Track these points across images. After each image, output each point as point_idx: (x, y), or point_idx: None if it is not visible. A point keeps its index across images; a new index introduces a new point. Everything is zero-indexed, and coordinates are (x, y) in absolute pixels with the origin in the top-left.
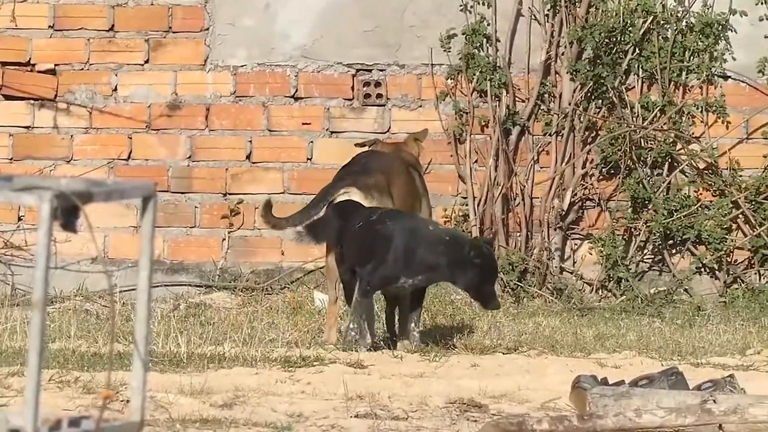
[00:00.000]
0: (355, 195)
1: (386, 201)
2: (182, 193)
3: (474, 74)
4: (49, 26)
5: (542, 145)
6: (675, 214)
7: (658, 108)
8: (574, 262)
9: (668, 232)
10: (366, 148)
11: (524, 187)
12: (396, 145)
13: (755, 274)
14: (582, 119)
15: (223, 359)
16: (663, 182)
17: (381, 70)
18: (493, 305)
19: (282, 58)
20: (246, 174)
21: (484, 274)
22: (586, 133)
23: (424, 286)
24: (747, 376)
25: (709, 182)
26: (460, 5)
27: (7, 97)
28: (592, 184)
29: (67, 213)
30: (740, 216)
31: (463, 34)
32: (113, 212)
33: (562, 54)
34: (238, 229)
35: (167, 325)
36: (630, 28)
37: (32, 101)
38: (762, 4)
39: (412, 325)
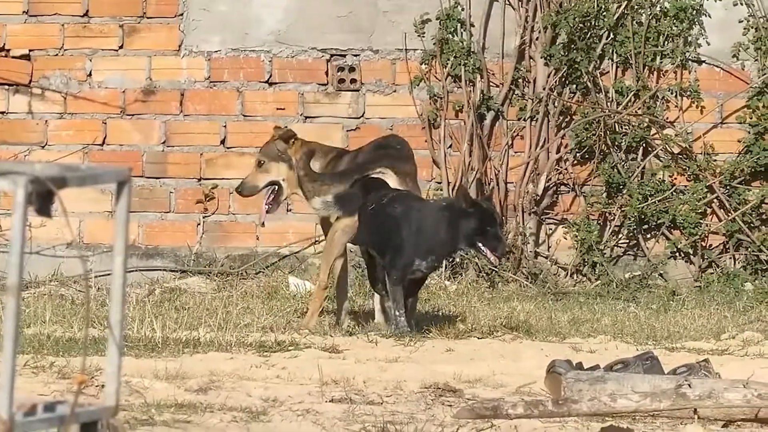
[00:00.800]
0: (390, 178)
1: (416, 190)
2: (157, 178)
3: (448, 59)
4: (24, 12)
5: (516, 130)
6: (649, 198)
7: (633, 93)
8: (549, 247)
9: (643, 216)
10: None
11: (498, 172)
12: None
13: (730, 258)
14: (556, 104)
15: (198, 344)
16: (637, 167)
17: (355, 56)
18: (500, 250)
19: (256, 44)
20: (220, 159)
21: (484, 219)
22: (561, 118)
23: (437, 266)
24: (722, 360)
25: (684, 167)
26: None
27: None
28: (566, 169)
29: (41, 198)
30: (715, 201)
31: (437, 19)
32: (88, 197)
33: (537, 39)
34: (213, 214)
35: (142, 310)
36: (604, 13)
37: (6, 87)
38: None
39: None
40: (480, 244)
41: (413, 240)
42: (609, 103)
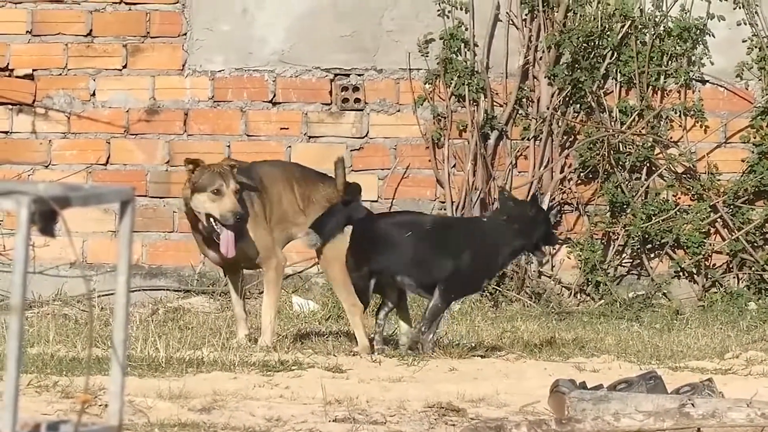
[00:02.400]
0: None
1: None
2: (160, 197)
3: (452, 79)
4: (27, 31)
5: (520, 149)
6: (653, 218)
7: (636, 112)
8: (553, 267)
9: (646, 236)
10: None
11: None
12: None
13: (733, 278)
14: (560, 124)
15: (202, 364)
16: (641, 186)
17: (359, 75)
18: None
19: (260, 63)
20: None
21: (547, 222)
22: (564, 137)
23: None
24: (725, 379)
25: (688, 186)
26: (438, 10)
27: None
28: (570, 189)
29: (45, 218)
30: (718, 220)
31: (440, 38)
32: (91, 217)
33: (540, 58)
34: None
35: (146, 329)
36: (608, 33)
37: (10, 106)
38: (740, 8)
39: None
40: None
41: (482, 262)
42: (613, 123)
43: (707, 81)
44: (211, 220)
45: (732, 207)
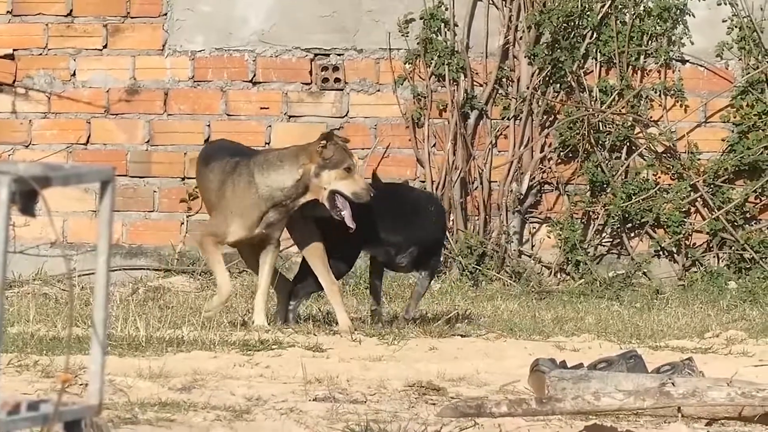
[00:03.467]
0: None
1: None
2: (141, 177)
3: (432, 59)
4: (8, 11)
5: (500, 129)
6: (633, 197)
7: (617, 92)
8: (533, 246)
9: (627, 215)
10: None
11: (482, 171)
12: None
13: (713, 257)
14: (540, 103)
15: (182, 343)
16: (621, 166)
17: (339, 55)
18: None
19: (240, 43)
20: None
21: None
22: (545, 117)
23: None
24: (705, 359)
25: (668, 166)
26: None
27: None
28: (550, 168)
29: (25, 197)
30: (698, 199)
31: (420, 18)
32: (72, 196)
33: (520, 38)
34: (197, 213)
35: (126, 308)
36: (588, 13)
37: None
38: None
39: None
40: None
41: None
42: (593, 102)
43: (687, 61)
44: (336, 196)
45: (712, 186)
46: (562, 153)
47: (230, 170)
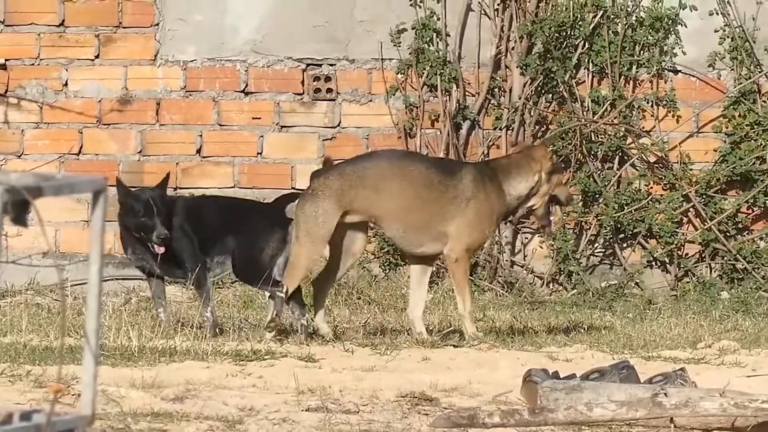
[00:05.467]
0: None
1: None
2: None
3: (424, 69)
4: (0, 21)
5: (492, 139)
6: (626, 207)
7: (609, 102)
8: (525, 256)
9: (619, 225)
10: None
11: None
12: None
13: (706, 267)
14: (532, 113)
15: (175, 353)
16: (613, 176)
17: (331, 65)
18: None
19: (232, 53)
20: (196, 168)
21: None
22: (537, 127)
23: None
24: (698, 369)
25: (660, 176)
26: (410, 0)
27: None
28: None
29: (17, 207)
30: (691, 210)
31: (413, 28)
32: (64, 207)
33: (512, 48)
34: None
35: (118, 318)
36: (580, 23)
37: None
38: None
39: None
40: None
41: None
42: (585, 113)
43: (679, 71)
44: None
45: (704, 197)
46: None
47: (481, 179)
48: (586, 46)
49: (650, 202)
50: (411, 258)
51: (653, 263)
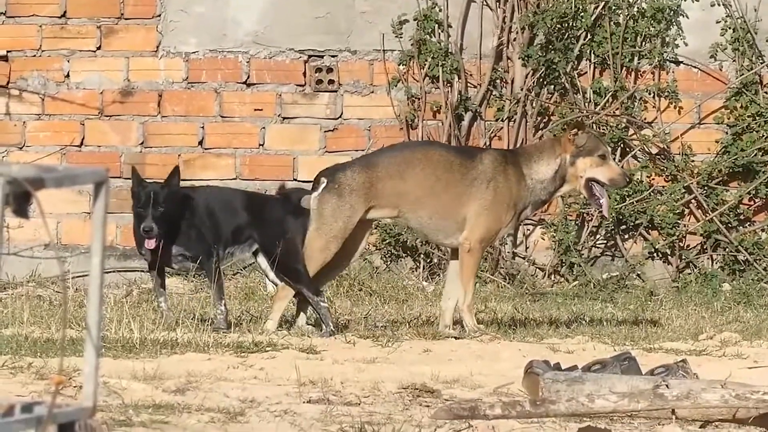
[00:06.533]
0: None
1: None
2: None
3: (426, 60)
4: (1, 13)
5: (494, 130)
6: (627, 199)
7: (610, 93)
8: (527, 248)
9: (621, 217)
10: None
11: None
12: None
13: (707, 259)
14: (534, 105)
15: (176, 345)
16: None
17: (333, 56)
18: None
19: (234, 45)
20: (198, 160)
21: None
22: (539, 118)
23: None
24: (699, 361)
25: (662, 167)
26: None
27: None
28: None
29: (19, 199)
30: (692, 201)
31: (414, 20)
32: (66, 198)
33: (514, 40)
34: None
35: (120, 310)
36: (582, 14)
37: None
38: None
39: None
40: None
41: None
42: (587, 104)
43: (681, 62)
44: (592, 184)
45: (706, 188)
46: None
47: (501, 162)
48: (588, 37)
49: (652, 194)
50: (450, 252)
51: (655, 255)
